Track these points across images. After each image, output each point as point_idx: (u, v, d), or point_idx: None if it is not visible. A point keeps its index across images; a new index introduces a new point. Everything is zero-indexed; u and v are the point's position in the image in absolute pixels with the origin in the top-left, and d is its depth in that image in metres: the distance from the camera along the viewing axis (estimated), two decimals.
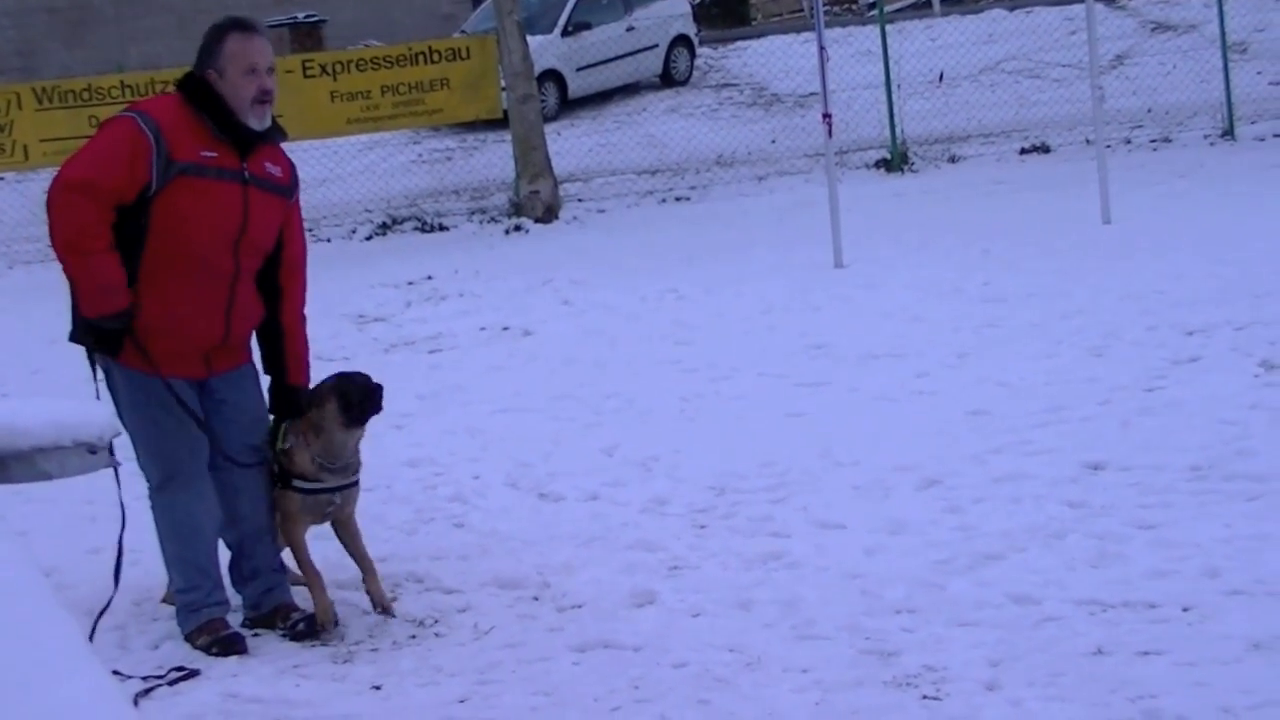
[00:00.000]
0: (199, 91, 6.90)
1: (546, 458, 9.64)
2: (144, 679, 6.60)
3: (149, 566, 7.58)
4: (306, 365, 7.33)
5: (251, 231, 6.93)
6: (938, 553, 7.32)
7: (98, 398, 6.74)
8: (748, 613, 6.85)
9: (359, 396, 7.10)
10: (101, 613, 6.36)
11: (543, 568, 7.61)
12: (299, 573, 7.56)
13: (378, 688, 6.45)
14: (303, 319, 7.35)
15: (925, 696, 5.89)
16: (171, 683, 6.59)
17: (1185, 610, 6.38)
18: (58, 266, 6.89)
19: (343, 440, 7.11)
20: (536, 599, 7.27)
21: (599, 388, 11.34)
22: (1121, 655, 6.04)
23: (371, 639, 6.98)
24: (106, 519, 8.86)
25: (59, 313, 7.28)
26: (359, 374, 7.28)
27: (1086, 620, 6.40)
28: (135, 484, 7.50)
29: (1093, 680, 5.84)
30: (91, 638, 6.43)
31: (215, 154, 6.83)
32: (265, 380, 7.35)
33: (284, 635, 7.07)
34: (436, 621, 7.11)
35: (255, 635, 7.10)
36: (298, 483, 7.10)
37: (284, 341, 7.25)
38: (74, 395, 6.32)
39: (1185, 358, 10.34)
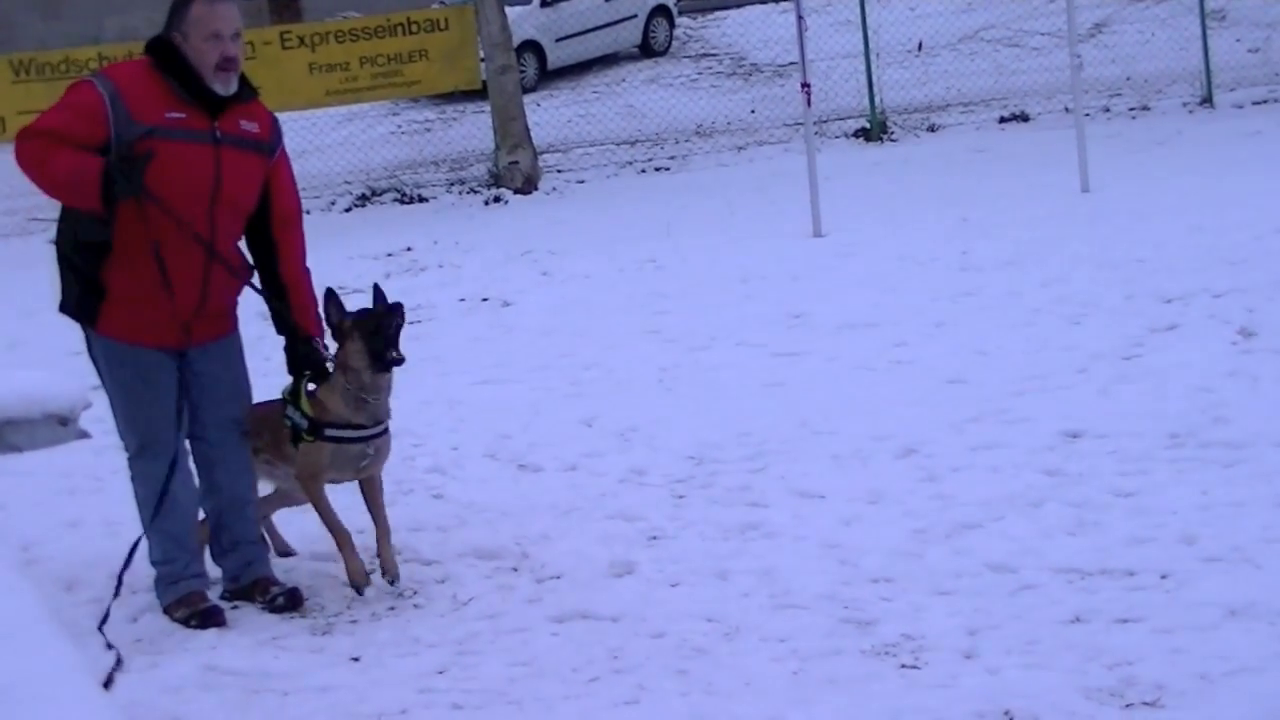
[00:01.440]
0: (165, 54, 6.83)
1: (525, 428, 9.64)
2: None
3: (128, 539, 7.55)
4: (317, 317, 7.21)
5: (226, 191, 6.85)
6: (915, 522, 7.34)
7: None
8: (726, 582, 6.87)
9: (374, 328, 6.98)
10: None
11: (521, 538, 7.61)
12: (281, 546, 7.55)
13: (356, 659, 6.46)
14: (305, 271, 7.23)
15: (903, 665, 5.91)
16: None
17: (1162, 577, 6.41)
18: (34, 239, 6.87)
19: (372, 379, 7.01)
20: (515, 570, 7.28)
21: (578, 358, 11.33)
22: (1099, 623, 6.06)
23: (350, 610, 6.98)
24: (84, 492, 8.92)
25: (36, 285, 7.26)
26: (381, 313, 7.11)
27: (1064, 588, 6.43)
28: (115, 456, 7.51)
29: (1070, 648, 5.86)
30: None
31: (183, 115, 6.75)
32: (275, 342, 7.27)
33: (263, 609, 7.06)
34: (415, 592, 7.11)
35: (234, 608, 7.09)
36: (331, 431, 7.00)
37: (288, 296, 7.15)
38: (50, 368, 6.30)
39: (1163, 325, 10.37)
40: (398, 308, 7.10)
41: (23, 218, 21.32)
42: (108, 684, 6.26)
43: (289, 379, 7.18)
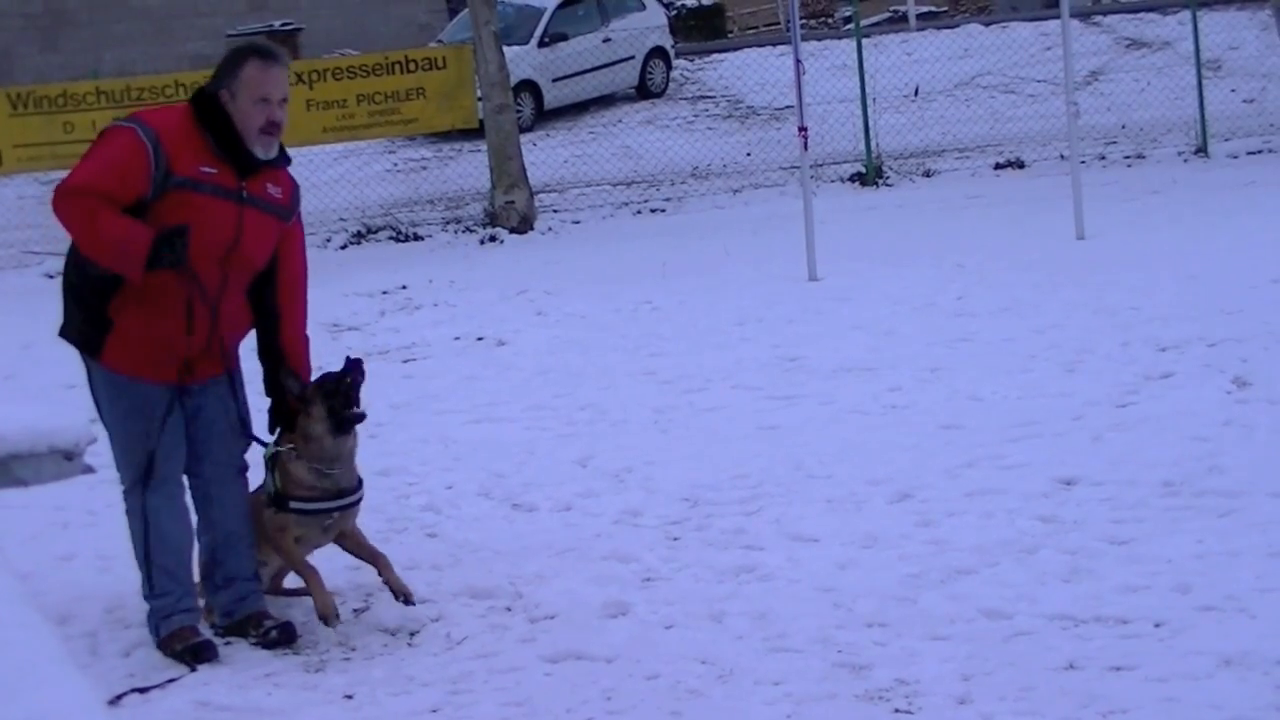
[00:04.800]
0: (209, 108, 6.88)
1: (520, 468, 9.64)
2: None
3: (121, 574, 7.56)
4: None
5: (243, 249, 6.90)
6: (910, 566, 7.33)
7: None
8: (720, 625, 6.86)
9: (333, 389, 7.02)
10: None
11: (515, 578, 7.60)
12: (296, 584, 7.50)
13: (349, 697, 6.44)
14: (305, 340, 7.26)
15: (897, 710, 5.90)
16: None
17: (1156, 626, 6.41)
18: (29, 271, 6.90)
19: (334, 445, 7.05)
20: (509, 609, 7.26)
21: (573, 398, 11.34)
22: (1092, 670, 6.06)
23: (343, 648, 6.96)
24: (78, 525, 8.91)
25: (32, 317, 7.27)
26: (338, 373, 7.15)
27: (1058, 635, 6.42)
28: (109, 491, 7.50)
29: (1063, 695, 5.86)
30: None
31: (214, 170, 6.80)
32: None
33: (255, 643, 7.04)
34: (410, 632, 7.09)
35: (227, 644, 7.07)
36: (295, 504, 7.05)
37: (285, 364, 7.15)
38: (47, 400, 6.30)
39: (1158, 374, 10.38)
40: (356, 364, 7.15)
41: (18, 250, 21.35)
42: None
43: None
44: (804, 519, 8.17)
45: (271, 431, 7.24)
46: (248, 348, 7.28)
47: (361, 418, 7.12)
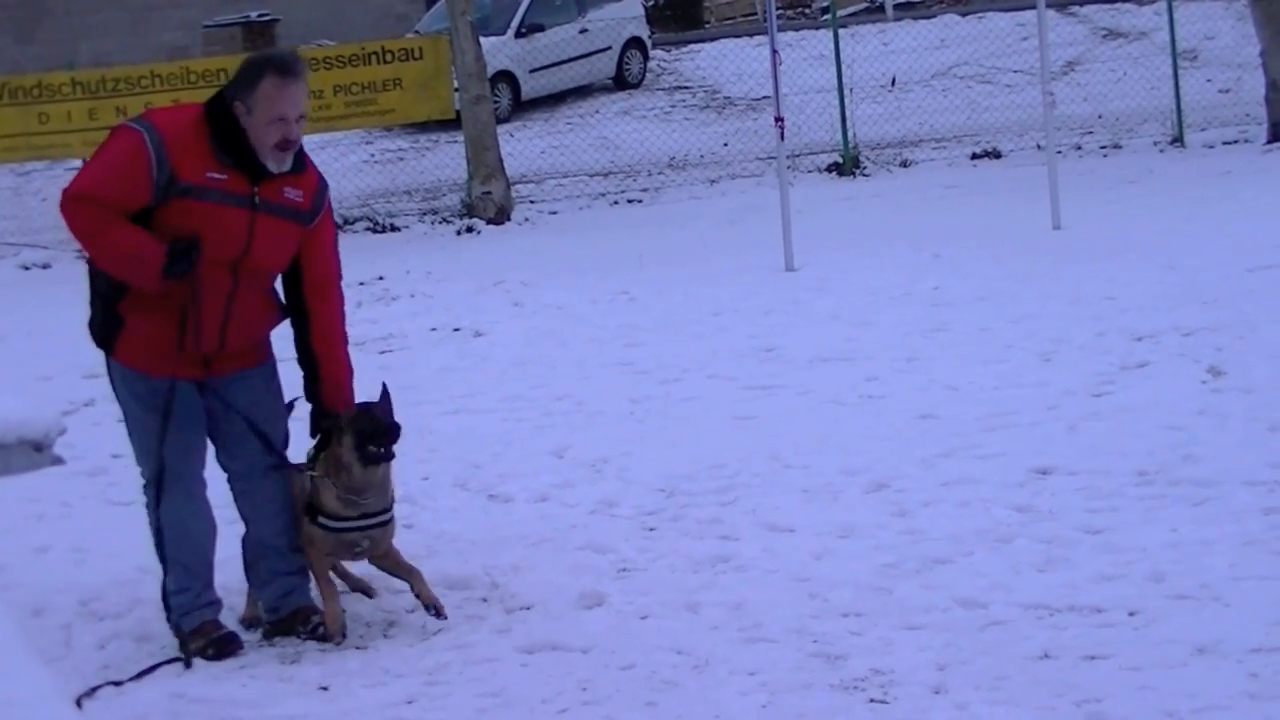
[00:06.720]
0: (222, 118, 6.68)
1: (496, 459, 9.63)
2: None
3: (96, 566, 7.55)
4: (346, 391, 7.05)
5: (254, 256, 6.72)
6: (885, 556, 7.33)
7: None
8: (696, 615, 6.85)
9: (372, 431, 6.86)
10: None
11: (491, 569, 7.59)
12: (358, 584, 7.43)
13: (325, 688, 6.43)
14: (340, 341, 7.06)
15: (872, 700, 5.90)
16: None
17: (1131, 614, 6.42)
18: (5, 263, 6.85)
19: (363, 476, 6.90)
20: (485, 600, 7.26)
21: (549, 389, 11.33)
22: (1067, 659, 6.07)
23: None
24: (52, 517, 8.88)
25: (5, 310, 7.23)
26: (378, 408, 7.01)
27: (1033, 624, 6.43)
28: (84, 482, 7.49)
29: (1038, 684, 5.87)
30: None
31: (224, 177, 6.61)
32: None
33: (304, 639, 6.92)
34: (386, 624, 7.08)
35: (272, 645, 6.96)
36: (323, 520, 6.91)
37: (319, 368, 6.99)
38: (20, 392, 6.26)
39: (1133, 363, 10.40)
40: (383, 394, 7.06)
41: None
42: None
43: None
44: (780, 509, 8.18)
45: (313, 436, 7.05)
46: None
47: (388, 457, 6.93)
